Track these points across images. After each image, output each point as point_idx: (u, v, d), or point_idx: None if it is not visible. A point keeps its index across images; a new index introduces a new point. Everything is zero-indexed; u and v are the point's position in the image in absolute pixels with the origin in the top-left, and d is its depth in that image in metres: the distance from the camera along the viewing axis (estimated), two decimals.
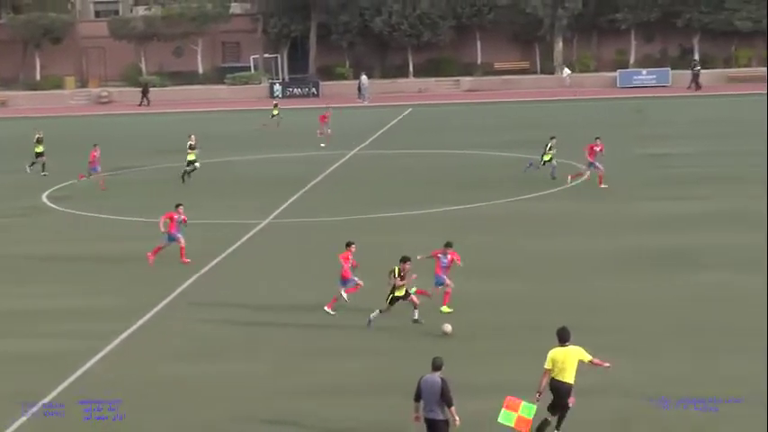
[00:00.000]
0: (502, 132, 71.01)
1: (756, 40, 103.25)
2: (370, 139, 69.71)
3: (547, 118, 78.39)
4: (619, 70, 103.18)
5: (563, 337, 20.62)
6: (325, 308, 29.92)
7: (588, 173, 49.38)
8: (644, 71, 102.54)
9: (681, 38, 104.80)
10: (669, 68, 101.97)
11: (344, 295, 30.22)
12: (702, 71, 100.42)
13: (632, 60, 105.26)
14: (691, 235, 38.79)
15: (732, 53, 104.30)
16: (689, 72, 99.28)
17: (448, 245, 29.83)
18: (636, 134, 67.19)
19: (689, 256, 35.61)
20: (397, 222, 43.29)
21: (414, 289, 28.71)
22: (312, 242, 39.62)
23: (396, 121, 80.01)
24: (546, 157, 50.79)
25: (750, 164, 53.58)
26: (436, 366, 19.69)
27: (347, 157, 62.11)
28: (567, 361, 20.46)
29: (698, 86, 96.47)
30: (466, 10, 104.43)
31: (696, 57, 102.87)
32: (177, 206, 36.99)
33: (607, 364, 21.24)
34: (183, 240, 36.53)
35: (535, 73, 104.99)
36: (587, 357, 20.71)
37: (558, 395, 20.59)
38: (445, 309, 29.55)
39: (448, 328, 27.83)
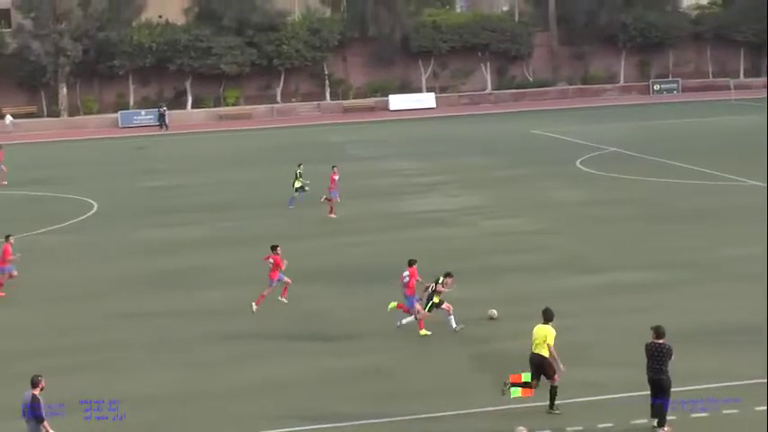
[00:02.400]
0: (17, 172, 70.39)
1: (241, 82, 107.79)
2: None
3: (57, 158, 78.72)
4: (120, 111, 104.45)
5: (545, 317, 22.61)
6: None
7: (338, 199, 48.10)
8: (143, 112, 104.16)
9: (175, 81, 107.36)
10: (165, 108, 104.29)
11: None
12: (195, 110, 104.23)
13: (132, 102, 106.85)
14: (191, 257, 40.46)
15: (221, 94, 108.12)
16: (184, 111, 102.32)
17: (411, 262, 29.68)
18: (137, 169, 68.75)
19: (192, 275, 37.26)
20: None
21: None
22: None
23: None
24: (297, 184, 50.48)
25: (230, 192, 56.71)
26: (32, 383, 19.97)
27: None
28: (538, 337, 22.38)
29: (165, 126, 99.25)
30: None
31: (188, 98, 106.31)
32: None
33: (562, 368, 22.47)
34: None
35: (42, 116, 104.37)
36: (551, 342, 22.27)
37: (534, 365, 22.35)
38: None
39: (494, 313, 29.69)
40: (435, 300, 28.91)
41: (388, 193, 53.70)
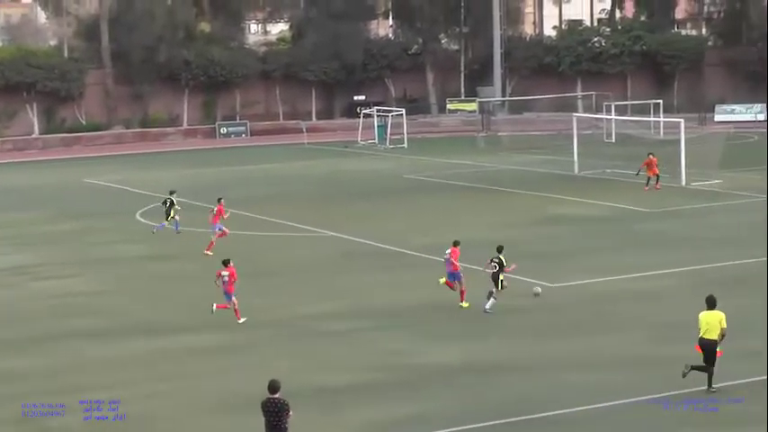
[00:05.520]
0: None
1: None
2: None
3: None
4: None
5: (710, 304, 26.56)
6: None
7: (220, 232, 48.26)
8: None
9: None
10: None
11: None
12: None
13: None
14: None
15: None
16: None
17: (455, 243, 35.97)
18: None
19: None
20: None
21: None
22: None
23: None
24: (172, 213, 51.86)
25: None
26: None
27: None
28: (711, 323, 26.35)
29: None
30: None
31: None
32: None
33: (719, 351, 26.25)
34: None
35: None
36: (724, 324, 26.28)
37: (707, 350, 26.30)
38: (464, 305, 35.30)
39: (538, 290, 35.09)
40: (502, 278, 34.22)
41: None
